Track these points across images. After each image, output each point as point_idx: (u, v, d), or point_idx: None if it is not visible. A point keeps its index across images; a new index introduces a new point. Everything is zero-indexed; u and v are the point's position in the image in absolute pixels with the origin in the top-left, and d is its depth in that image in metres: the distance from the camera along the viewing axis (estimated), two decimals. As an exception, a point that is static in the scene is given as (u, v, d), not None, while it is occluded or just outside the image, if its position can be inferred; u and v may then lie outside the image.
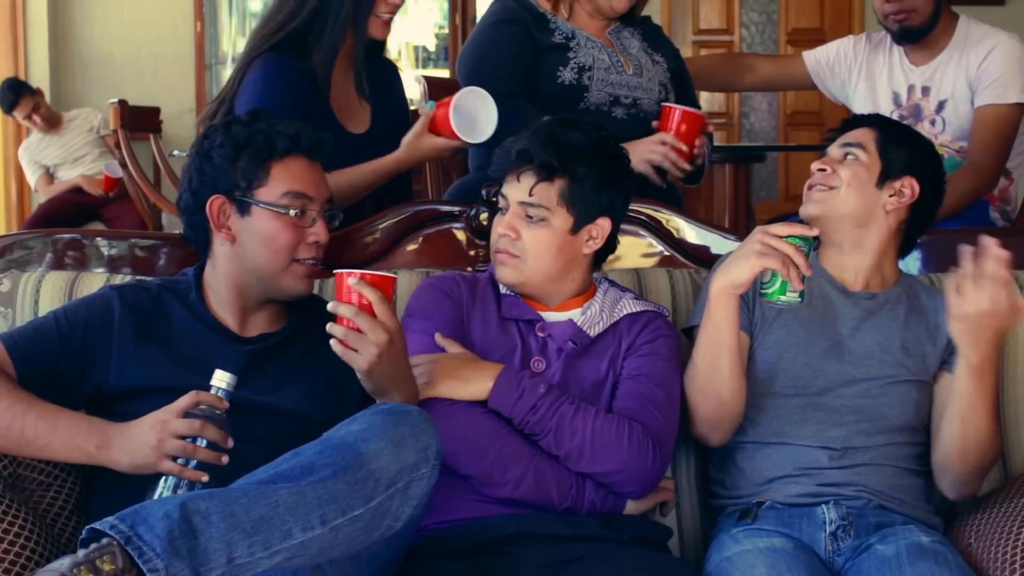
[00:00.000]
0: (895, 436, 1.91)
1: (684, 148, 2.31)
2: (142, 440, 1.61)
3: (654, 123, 2.37)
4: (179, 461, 1.59)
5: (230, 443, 1.61)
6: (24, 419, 1.65)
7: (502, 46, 2.42)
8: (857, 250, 1.97)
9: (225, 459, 1.60)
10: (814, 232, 1.79)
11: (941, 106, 2.80)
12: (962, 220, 2.74)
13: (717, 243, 2.26)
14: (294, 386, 1.81)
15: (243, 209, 1.79)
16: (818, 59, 3.11)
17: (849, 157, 1.97)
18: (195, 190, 1.82)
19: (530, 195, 1.86)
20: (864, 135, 1.99)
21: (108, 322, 1.78)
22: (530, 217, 1.87)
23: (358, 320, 1.64)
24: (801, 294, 1.77)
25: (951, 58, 2.84)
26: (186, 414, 1.60)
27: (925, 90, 2.79)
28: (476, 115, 2.21)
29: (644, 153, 2.29)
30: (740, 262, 1.79)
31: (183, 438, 1.59)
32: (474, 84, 2.28)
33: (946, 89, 2.82)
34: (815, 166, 1.99)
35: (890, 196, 1.95)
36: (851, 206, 1.94)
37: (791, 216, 2.48)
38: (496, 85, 2.27)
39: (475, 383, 1.81)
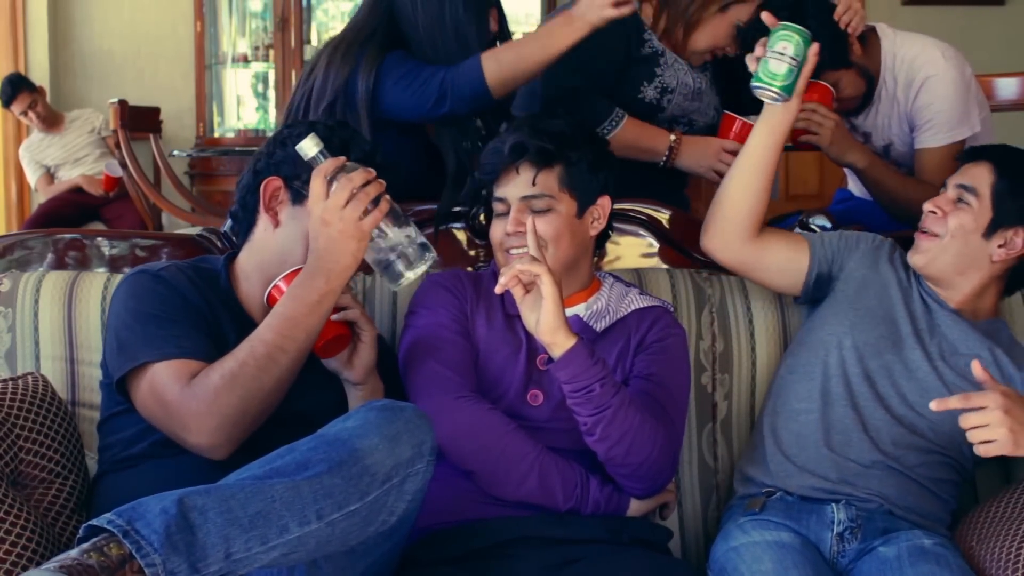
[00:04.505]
0: (928, 454, 1.90)
1: None
2: (342, 249, 1.66)
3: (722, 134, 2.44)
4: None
5: (373, 173, 1.69)
6: (271, 351, 1.66)
7: (596, 44, 2.34)
8: (952, 289, 1.97)
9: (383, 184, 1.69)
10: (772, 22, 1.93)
11: (887, 150, 2.70)
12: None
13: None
14: (321, 393, 1.80)
15: (296, 199, 1.80)
16: None
17: (961, 202, 1.94)
18: (258, 170, 1.85)
19: (533, 184, 1.87)
20: (982, 176, 1.94)
21: (188, 300, 1.77)
22: (534, 209, 1.87)
23: None
24: (780, 85, 1.93)
25: (883, 95, 2.67)
26: (329, 188, 1.66)
27: (867, 136, 2.70)
28: None
29: (712, 162, 2.40)
30: None
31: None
32: (559, 63, 2.29)
33: (886, 132, 2.68)
34: (927, 207, 1.97)
35: (999, 247, 1.92)
36: (952, 257, 1.93)
37: (792, 216, 2.48)
38: (575, 77, 2.32)
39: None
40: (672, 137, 2.40)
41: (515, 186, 1.89)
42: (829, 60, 2.50)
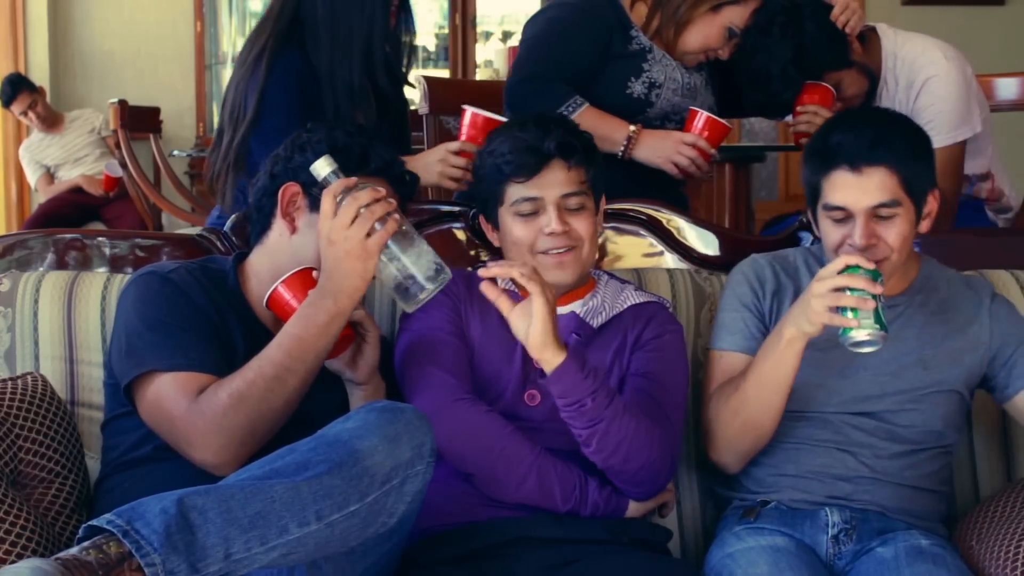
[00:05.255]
0: (911, 455, 1.88)
1: (710, 151, 2.39)
2: (348, 269, 1.65)
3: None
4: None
5: (382, 192, 1.68)
6: (279, 372, 1.66)
7: (569, 36, 2.38)
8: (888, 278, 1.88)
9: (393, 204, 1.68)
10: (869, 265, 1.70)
11: None
12: (959, 221, 2.71)
13: (717, 243, 2.27)
14: (325, 395, 1.79)
15: (314, 206, 1.78)
16: None
17: (883, 218, 1.79)
18: (275, 174, 1.84)
19: (583, 183, 1.88)
20: (887, 184, 1.78)
21: (196, 305, 1.76)
22: (570, 208, 1.87)
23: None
24: (879, 323, 1.67)
25: (884, 95, 2.67)
26: (337, 206, 1.65)
27: None
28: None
29: (671, 153, 2.38)
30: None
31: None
32: (527, 51, 2.33)
33: None
34: (858, 245, 1.78)
35: (924, 220, 1.86)
36: (902, 260, 1.84)
37: (791, 217, 2.48)
38: (538, 64, 2.33)
39: None
40: (631, 128, 2.39)
41: (556, 185, 1.86)
42: (830, 61, 2.51)
